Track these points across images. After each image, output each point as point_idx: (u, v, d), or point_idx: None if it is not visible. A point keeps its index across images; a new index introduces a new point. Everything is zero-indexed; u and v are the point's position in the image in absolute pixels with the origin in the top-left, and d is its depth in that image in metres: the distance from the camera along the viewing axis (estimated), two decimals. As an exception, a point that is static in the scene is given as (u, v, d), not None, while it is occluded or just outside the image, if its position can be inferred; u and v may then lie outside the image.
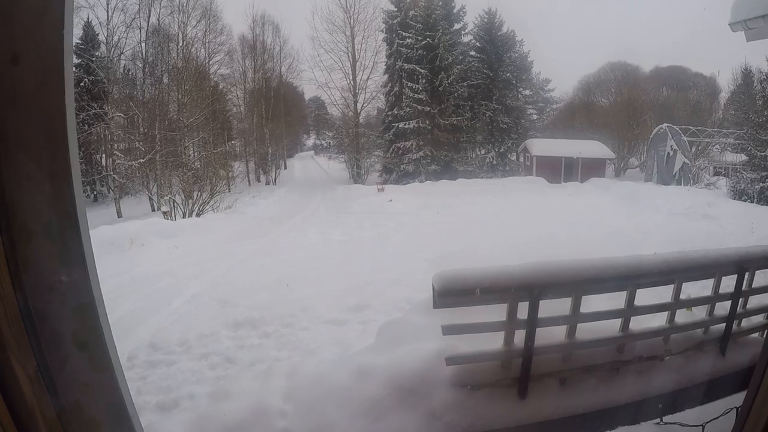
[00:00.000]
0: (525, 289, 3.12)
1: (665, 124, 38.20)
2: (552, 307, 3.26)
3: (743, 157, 35.89)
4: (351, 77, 48.74)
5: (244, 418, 3.44)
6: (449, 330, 3.17)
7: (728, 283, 3.90)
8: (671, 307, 3.73)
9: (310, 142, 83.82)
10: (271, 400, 3.66)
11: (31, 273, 1.41)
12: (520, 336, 3.24)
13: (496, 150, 48.35)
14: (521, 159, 47.79)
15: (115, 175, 33.68)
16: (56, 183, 1.42)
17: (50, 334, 1.46)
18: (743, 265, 3.82)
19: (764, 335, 4.42)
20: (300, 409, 3.49)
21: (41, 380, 1.44)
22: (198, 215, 25.11)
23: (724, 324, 3.99)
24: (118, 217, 30.59)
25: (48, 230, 1.43)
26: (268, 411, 3.50)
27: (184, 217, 24.83)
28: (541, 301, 3.14)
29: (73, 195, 1.44)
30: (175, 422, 3.76)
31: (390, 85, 47.21)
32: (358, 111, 49.56)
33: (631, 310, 3.49)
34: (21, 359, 1.40)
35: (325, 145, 65.64)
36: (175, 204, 26.19)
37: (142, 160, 32.97)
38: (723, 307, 3.99)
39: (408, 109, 43.73)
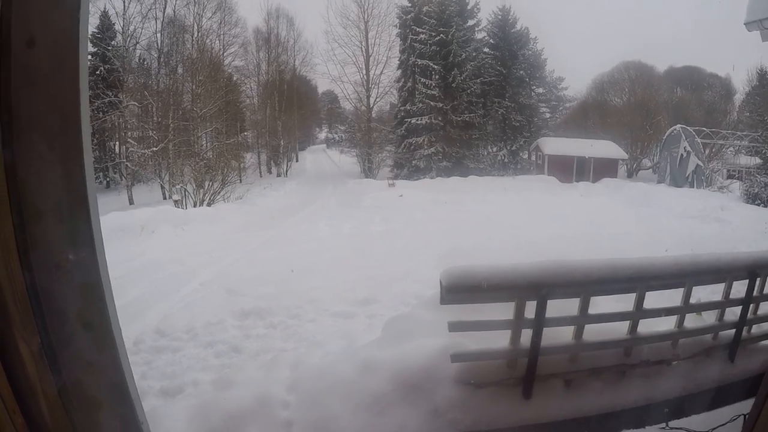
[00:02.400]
0: (533, 288, 3.10)
1: (679, 125, 38.06)
2: (560, 307, 3.25)
3: (758, 161, 35.74)
4: (364, 72, 48.84)
5: (247, 406, 3.44)
6: (456, 327, 3.17)
7: (739, 288, 3.87)
8: (680, 311, 3.71)
9: (322, 135, 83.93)
10: (274, 390, 3.67)
11: (39, 251, 1.42)
12: (526, 335, 3.23)
13: (508, 148, 48.20)
14: (533, 157, 47.67)
15: (128, 163, 33.92)
16: (68, 164, 1.42)
17: (55, 312, 1.47)
18: (755, 270, 3.79)
19: (774, 342, 4.40)
20: (303, 400, 3.50)
21: (44, 357, 1.45)
22: (209, 205, 25.23)
23: (734, 330, 3.95)
24: (130, 204, 30.69)
25: (58, 210, 1.43)
26: (271, 401, 3.51)
27: (195, 206, 24.98)
28: (548, 301, 3.13)
29: (84, 177, 1.45)
30: (178, 408, 3.77)
31: (403, 80, 47.15)
32: (371, 106, 49.72)
33: (639, 312, 3.47)
34: (25, 336, 1.41)
35: (337, 138, 65.82)
36: (187, 193, 26.37)
37: (155, 149, 33.14)
38: (733, 313, 3.96)
39: (420, 105, 43.68)
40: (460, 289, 3.04)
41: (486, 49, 49.88)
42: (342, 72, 49.10)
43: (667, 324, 3.83)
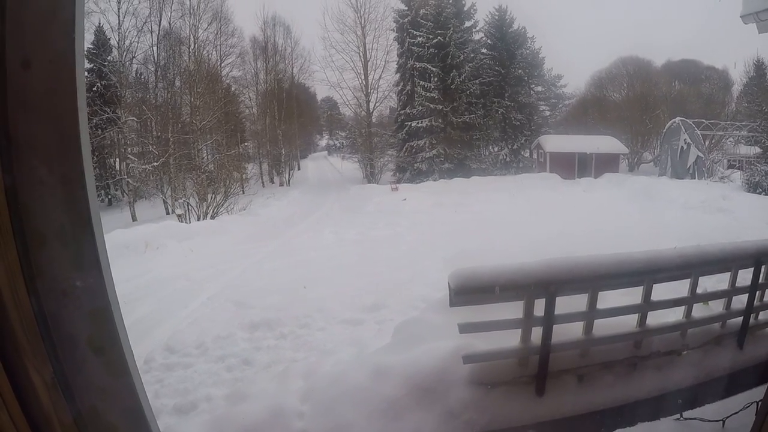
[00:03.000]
0: (541, 286, 3.10)
1: (678, 118, 38.11)
2: (569, 303, 3.25)
3: (757, 150, 35.86)
4: (363, 77, 48.78)
5: (261, 419, 3.44)
6: (466, 328, 3.16)
7: (745, 277, 3.87)
8: (688, 302, 3.71)
9: (323, 142, 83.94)
10: (288, 401, 3.66)
11: (45, 278, 1.40)
12: (536, 333, 3.23)
13: (510, 147, 48.28)
14: (535, 156, 47.69)
15: (129, 179, 33.92)
16: (69, 187, 1.41)
17: (66, 339, 1.45)
18: (760, 258, 3.79)
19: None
20: (317, 409, 3.49)
21: (57, 386, 1.43)
22: (212, 217, 25.22)
23: (742, 317, 3.96)
24: (133, 220, 30.74)
25: (62, 235, 1.42)
26: (285, 412, 3.50)
27: (198, 219, 24.95)
28: (557, 298, 3.13)
29: (86, 199, 1.44)
30: (192, 425, 3.77)
31: (402, 84, 47.16)
32: (371, 110, 49.62)
33: (647, 305, 3.47)
34: (37, 365, 1.40)
35: (339, 145, 65.75)
36: (190, 207, 26.29)
37: (155, 164, 33.12)
38: (740, 301, 3.97)
39: (420, 108, 43.71)
40: (469, 291, 3.03)
41: (484, 50, 50.05)
42: (341, 78, 49.07)
43: (675, 315, 3.83)
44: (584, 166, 41.04)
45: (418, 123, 43.68)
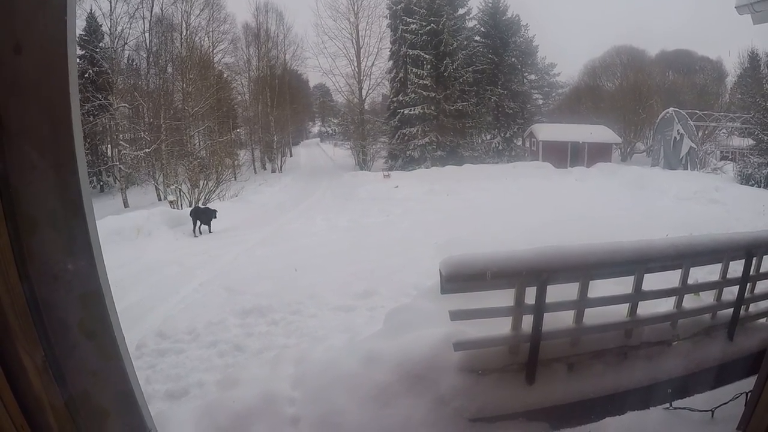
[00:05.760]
0: (533, 274, 3.10)
1: (672, 109, 38.06)
2: (560, 292, 3.25)
3: (750, 142, 35.82)
4: (355, 64, 48.61)
5: (253, 405, 3.45)
6: (457, 315, 3.16)
7: (736, 268, 3.88)
8: (679, 292, 3.72)
9: (315, 129, 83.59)
10: (279, 387, 3.67)
11: (36, 263, 1.40)
12: (527, 321, 3.24)
13: (502, 135, 48.19)
14: (527, 144, 47.58)
15: (121, 166, 33.71)
16: (61, 172, 1.41)
17: (57, 323, 1.45)
18: (751, 250, 3.80)
19: (773, 320, 4.41)
20: (308, 395, 3.50)
21: (49, 369, 1.43)
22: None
23: (732, 309, 3.97)
24: (125, 207, 30.65)
25: (53, 220, 1.42)
26: (276, 398, 3.51)
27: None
28: (548, 286, 3.13)
29: (78, 184, 1.43)
30: (184, 410, 3.77)
31: (395, 71, 46.89)
32: (363, 97, 49.42)
33: (638, 294, 3.47)
34: (28, 349, 1.40)
35: (331, 132, 65.55)
36: (182, 193, 26.25)
37: (147, 150, 33.02)
38: (730, 292, 3.97)
39: (413, 95, 43.50)
40: (460, 278, 3.04)
41: (477, 38, 49.76)
42: (333, 65, 49.07)
43: (666, 305, 3.84)
44: (577, 155, 41.01)
45: (410, 110, 43.45)
